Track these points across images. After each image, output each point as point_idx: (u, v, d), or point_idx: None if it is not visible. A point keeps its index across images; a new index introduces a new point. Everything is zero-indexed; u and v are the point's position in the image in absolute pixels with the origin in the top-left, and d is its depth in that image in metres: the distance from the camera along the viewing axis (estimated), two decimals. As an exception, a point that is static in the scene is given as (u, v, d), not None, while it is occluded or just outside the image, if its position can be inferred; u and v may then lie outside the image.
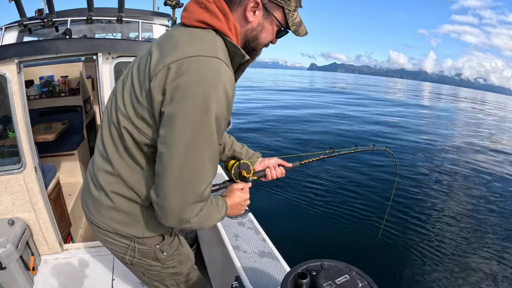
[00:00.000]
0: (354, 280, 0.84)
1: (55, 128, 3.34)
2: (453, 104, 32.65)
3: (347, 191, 5.66)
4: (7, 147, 2.24)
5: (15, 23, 2.47)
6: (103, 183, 1.03)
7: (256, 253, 1.54)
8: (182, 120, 0.82)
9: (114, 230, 1.06)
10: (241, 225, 1.78)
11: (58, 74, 3.73)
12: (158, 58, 0.88)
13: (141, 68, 0.93)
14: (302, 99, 21.52)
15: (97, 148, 1.08)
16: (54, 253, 2.50)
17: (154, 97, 0.86)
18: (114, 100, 1.02)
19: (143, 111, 0.90)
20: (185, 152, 0.83)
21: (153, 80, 0.85)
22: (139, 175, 0.99)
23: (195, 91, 0.81)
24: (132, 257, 1.12)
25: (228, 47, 0.93)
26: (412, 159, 8.09)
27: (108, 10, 3.20)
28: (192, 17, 0.93)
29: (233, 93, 0.88)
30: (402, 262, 3.76)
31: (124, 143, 0.97)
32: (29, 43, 2.21)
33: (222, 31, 0.91)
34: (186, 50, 0.84)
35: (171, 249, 1.19)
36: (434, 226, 4.72)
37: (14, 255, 2.03)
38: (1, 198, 2.23)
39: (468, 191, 6.28)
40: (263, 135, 9.71)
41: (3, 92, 2.11)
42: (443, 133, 12.87)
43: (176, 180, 0.85)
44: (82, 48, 2.21)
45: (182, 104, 0.81)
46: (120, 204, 1.03)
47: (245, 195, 1.23)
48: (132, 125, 0.93)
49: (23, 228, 2.22)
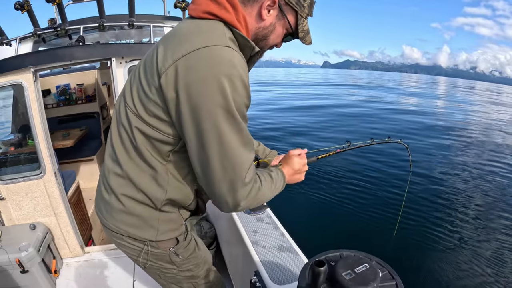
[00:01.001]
0: (374, 269, 0.80)
1: (73, 135, 3.42)
2: (471, 97, 31.75)
3: (363, 184, 5.63)
4: (26, 154, 2.31)
5: (29, 33, 2.54)
6: (114, 186, 1.02)
7: (275, 248, 1.53)
8: (203, 119, 0.81)
9: (127, 233, 1.05)
10: (259, 221, 1.77)
11: (74, 82, 3.82)
12: (165, 53, 0.85)
13: (147, 65, 0.91)
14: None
15: (107, 151, 1.08)
16: (75, 256, 2.55)
17: (166, 94, 0.84)
18: (123, 101, 1.00)
19: (154, 107, 0.88)
20: (217, 147, 0.83)
21: (163, 76, 0.83)
22: (148, 176, 0.98)
23: (210, 86, 0.79)
24: (146, 260, 1.11)
25: (238, 39, 0.90)
26: (428, 152, 7.92)
27: (120, 17, 3.26)
28: (200, 8, 0.90)
29: (248, 80, 0.86)
30: (419, 253, 3.73)
31: (134, 143, 0.95)
32: (44, 51, 2.28)
33: (231, 23, 0.88)
34: (194, 42, 0.82)
35: (187, 252, 1.17)
36: (451, 218, 4.65)
37: (36, 259, 2.08)
38: (23, 204, 2.29)
39: (487, 184, 6.08)
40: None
41: (21, 101, 2.18)
42: (461, 127, 12.52)
43: (219, 174, 0.86)
44: (96, 54, 2.25)
45: (199, 102, 0.80)
46: (131, 207, 1.02)
47: (303, 160, 1.22)
48: (143, 122, 0.91)
49: (45, 232, 2.28)
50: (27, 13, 2.31)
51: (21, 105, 2.20)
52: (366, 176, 6.01)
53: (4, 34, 2.44)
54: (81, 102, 3.80)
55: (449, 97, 28.88)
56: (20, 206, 2.31)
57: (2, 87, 2.12)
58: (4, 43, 2.44)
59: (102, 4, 2.47)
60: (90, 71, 3.93)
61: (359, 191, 5.39)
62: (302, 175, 1.23)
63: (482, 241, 4.08)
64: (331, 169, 6.15)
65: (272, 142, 8.39)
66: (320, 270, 0.76)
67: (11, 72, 2.07)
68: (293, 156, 1.20)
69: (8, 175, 2.26)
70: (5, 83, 2.09)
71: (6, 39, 2.45)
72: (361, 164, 6.58)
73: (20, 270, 2.06)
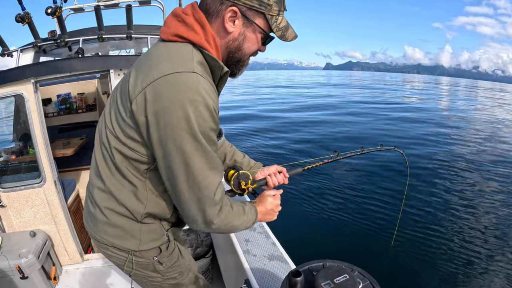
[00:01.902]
0: (354, 279, 0.83)
1: (73, 143, 3.46)
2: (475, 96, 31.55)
3: (358, 193, 5.56)
4: (27, 162, 2.36)
5: (30, 44, 2.60)
6: (97, 199, 1.07)
7: (265, 257, 1.56)
8: (171, 143, 0.85)
9: (111, 243, 1.09)
10: (251, 230, 1.80)
11: (74, 91, 3.87)
12: (136, 78, 0.90)
13: (123, 90, 0.95)
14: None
15: (92, 167, 1.12)
16: (75, 263, 2.58)
17: (137, 118, 0.88)
18: (103, 120, 1.04)
19: (130, 130, 0.92)
20: (183, 169, 0.88)
21: (133, 102, 0.88)
22: (129, 191, 1.02)
23: (175, 113, 0.82)
24: (131, 268, 1.15)
25: (207, 60, 0.92)
26: (425, 157, 7.85)
27: (120, 28, 3.32)
28: (169, 31, 0.93)
29: (215, 105, 0.89)
30: (416, 267, 3.66)
31: (114, 161, 0.99)
32: (44, 63, 2.33)
33: (199, 44, 0.91)
34: (161, 69, 0.85)
35: (171, 261, 1.20)
36: (451, 228, 4.57)
37: (36, 265, 2.12)
38: (23, 211, 2.34)
39: (489, 189, 6.02)
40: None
41: (22, 111, 2.23)
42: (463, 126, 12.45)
43: (187, 194, 0.92)
44: (94, 66, 2.32)
45: (167, 127, 0.84)
46: (113, 219, 1.06)
47: (276, 201, 1.26)
48: (121, 143, 0.95)
49: (44, 239, 2.32)
50: (28, 26, 2.37)
51: (22, 115, 2.26)
52: (361, 184, 5.94)
53: (6, 45, 2.50)
54: (81, 111, 3.84)
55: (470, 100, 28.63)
56: (21, 213, 2.36)
57: (4, 98, 2.17)
58: (6, 54, 2.50)
59: (101, 16, 2.53)
60: (91, 80, 3.98)
61: (354, 200, 5.32)
62: (274, 215, 1.27)
63: (488, 254, 3.95)
64: (325, 178, 6.10)
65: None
66: (296, 280, 0.78)
67: (12, 83, 2.13)
68: (267, 196, 1.25)
69: (9, 183, 2.30)
70: (6, 93, 2.15)
71: (7, 50, 2.51)
72: (356, 173, 6.52)
73: (20, 276, 2.10)
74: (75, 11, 3.71)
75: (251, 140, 9.33)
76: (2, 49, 2.48)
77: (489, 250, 4.05)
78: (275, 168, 1.44)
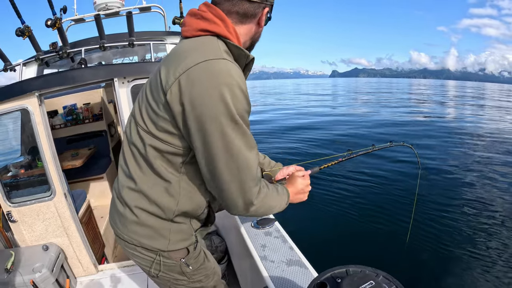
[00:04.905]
0: (380, 285, 0.78)
1: (82, 154, 3.46)
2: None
3: (372, 190, 5.53)
4: (36, 176, 2.34)
5: (32, 58, 2.60)
6: (128, 199, 1.08)
7: (283, 262, 1.50)
8: (210, 127, 0.87)
9: (140, 243, 1.10)
10: (268, 235, 1.74)
11: (80, 102, 3.88)
12: (167, 71, 0.92)
13: (153, 86, 0.99)
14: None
15: (121, 167, 1.14)
16: (89, 275, 2.57)
17: (173, 108, 0.90)
18: (133, 121, 1.07)
19: (164, 123, 0.95)
20: (225, 152, 0.90)
21: (168, 93, 0.90)
22: (161, 188, 1.03)
23: (212, 97, 0.85)
24: (157, 270, 1.15)
25: (231, 50, 0.97)
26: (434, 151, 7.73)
27: (121, 36, 3.31)
28: (192, 28, 0.98)
29: (246, 88, 0.92)
30: (433, 264, 3.58)
31: (147, 158, 1.01)
32: (47, 76, 2.31)
33: (223, 35, 0.96)
34: (193, 58, 0.89)
35: (197, 263, 1.20)
36: (466, 221, 4.48)
37: (50, 279, 2.10)
38: (35, 225, 2.33)
39: (504, 180, 5.89)
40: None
41: (27, 124, 2.21)
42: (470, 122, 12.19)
43: (228, 176, 0.93)
44: (98, 76, 2.30)
45: (205, 111, 0.86)
46: (144, 219, 1.07)
47: (306, 181, 1.32)
48: (155, 138, 0.97)
49: (57, 252, 2.30)
50: (28, 39, 2.36)
51: (28, 128, 2.25)
52: (373, 183, 5.89)
53: (8, 60, 2.49)
54: (88, 121, 3.84)
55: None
56: (32, 227, 2.34)
57: (8, 112, 2.16)
58: (8, 68, 2.50)
59: (102, 26, 2.51)
60: (96, 90, 3.98)
61: (367, 198, 5.28)
62: (305, 195, 1.33)
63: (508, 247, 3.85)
64: (337, 179, 6.07)
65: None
66: (323, 292, 0.74)
67: (16, 98, 2.11)
68: (297, 177, 1.31)
69: (19, 198, 2.29)
70: (11, 108, 2.13)
71: (10, 64, 2.50)
72: (367, 172, 6.46)
73: (34, 291, 2.08)
74: (76, 22, 3.72)
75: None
76: (5, 64, 2.47)
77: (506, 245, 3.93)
78: (294, 168, 1.47)
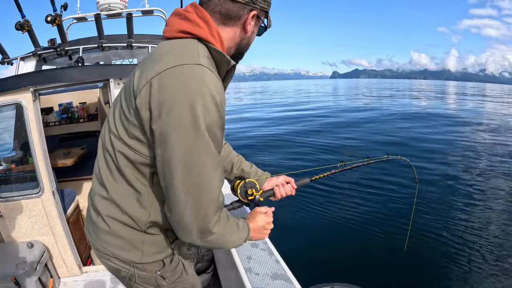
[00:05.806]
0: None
1: (74, 153, 3.44)
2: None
3: (365, 203, 5.44)
4: (25, 172, 2.32)
5: (30, 53, 2.60)
6: (100, 208, 1.03)
7: (268, 276, 1.48)
8: (173, 137, 0.81)
9: (113, 254, 1.05)
10: (254, 247, 1.72)
11: (76, 101, 3.86)
12: (140, 74, 0.87)
13: (126, 89, 0.94)
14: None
15: (95, 174, 1.09)
16: (73, 276, 2.53)
17: (142, 114, 0.85)
18: (107, 125, 1.02)
19: (134, 129, 0.89)
20: (184, 168, 0.83)
21: (138, 97, 0.85)
22: (133, 198, 0.98)
23: (180, 104, 0.79)
24: (132, 282, 1.10)
25: (213, 54, 0.92)
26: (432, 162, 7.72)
27: (121, 37, 3.33)
28: (173, 29, 0.93)
29: (222, 99, 0.86)
30: (431, 274, 3.55)
31: (118, 166, 0.95)
32: (42, 72, 2.32)
33: (205, 38, 0.90)
34: (167, 61, 0.84)
35: (174, 276, 1.15)
36: (464, 230, 4.48)
37: (33, 277, 2.08)
38: (21, 222, 2.30)
39: (501, 192, 5.89)
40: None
41: (20, 120, 2.21)
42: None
43: (184, 196, 0.85)
44: (94, 75, 2.30)
45: (170, 119, 0.80)
46: (115, 229, 1.02)
47: (268, 218, 1.22)
48: (126, 145, 0.92)
49: (42, 251, 2.27)
50: (27, 33, 2.37)
51: (21, 123, 2.24)
52: (367, 195, 5.78)
53: (6, 53, 2.49)
54: (83, 120, 3.82)
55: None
56: (18, 224, 2.31)
57: (2, 106, 2.16)
58: (6, 61, 2.50)
59: (101, 26, 2.53)
60: (93, 90, 3.97)
61: (360, 211, 5.17)
62: (265, 233, 1.22)
63: (502, 254, 3.83)
64: (328, 190, 5.93)
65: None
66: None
67: (11, 91, 2.11)
68: (259, 213, 1.21)
69: (6, 193, 2.27)
70: (5, 102, 2.13)
71: (7, 58, 2.50)
72: (362, 181, 6.37)
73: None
74: (78, 20, 3.73)
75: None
76: (2, 57, 2.47)
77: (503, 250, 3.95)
78: (283, 179, 1.42)
